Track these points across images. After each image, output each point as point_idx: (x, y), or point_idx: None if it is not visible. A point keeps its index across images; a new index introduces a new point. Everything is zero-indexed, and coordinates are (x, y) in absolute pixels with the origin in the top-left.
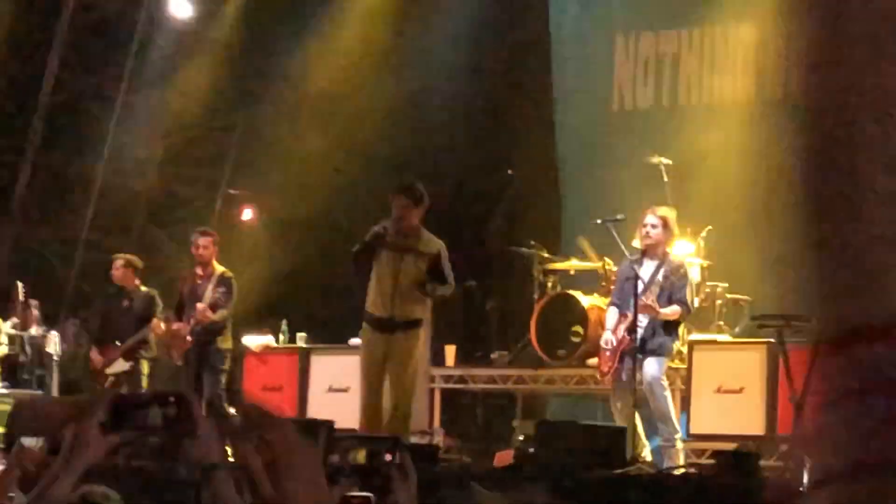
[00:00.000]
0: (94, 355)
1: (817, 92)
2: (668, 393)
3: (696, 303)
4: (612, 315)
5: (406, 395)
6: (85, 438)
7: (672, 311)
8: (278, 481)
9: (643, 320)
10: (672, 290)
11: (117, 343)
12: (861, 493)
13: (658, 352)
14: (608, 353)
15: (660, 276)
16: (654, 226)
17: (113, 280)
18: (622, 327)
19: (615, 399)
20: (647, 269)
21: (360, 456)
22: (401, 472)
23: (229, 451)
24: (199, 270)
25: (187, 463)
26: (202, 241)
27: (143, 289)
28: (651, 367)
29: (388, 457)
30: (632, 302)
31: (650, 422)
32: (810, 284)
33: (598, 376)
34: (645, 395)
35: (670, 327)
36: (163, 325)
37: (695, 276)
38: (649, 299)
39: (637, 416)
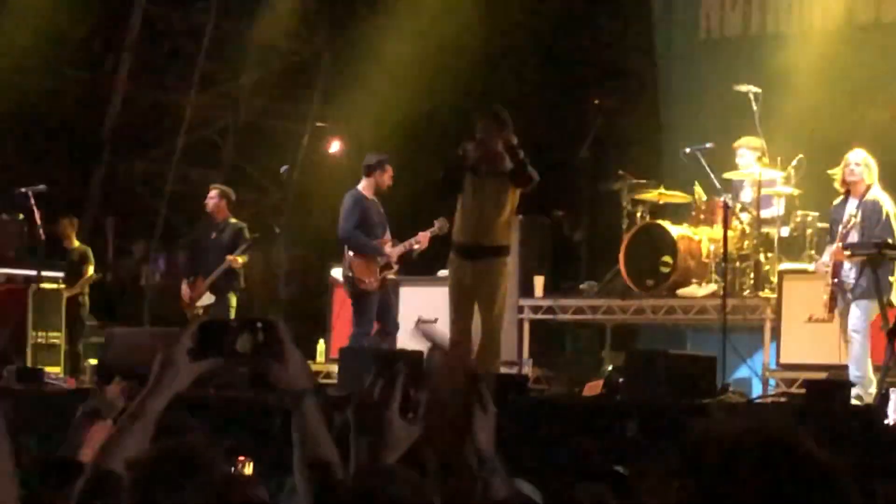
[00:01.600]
0: (184, 288)
1: None
2: (867, 342)
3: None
4: (827, 252)
5: (495, 324)
6: (173, 364)
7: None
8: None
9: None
10: (869, 228)
11: (205, 276)
12: None
13: (864, 294)
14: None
15: (859, 217)
16: (857, 163)
17: (206, 209)
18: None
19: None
20: (848, 210)
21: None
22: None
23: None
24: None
25: (276, 389)
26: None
27: (233, 220)
28: (857, 311)
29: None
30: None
31: None
32: None
33: (687, 305)
34: None
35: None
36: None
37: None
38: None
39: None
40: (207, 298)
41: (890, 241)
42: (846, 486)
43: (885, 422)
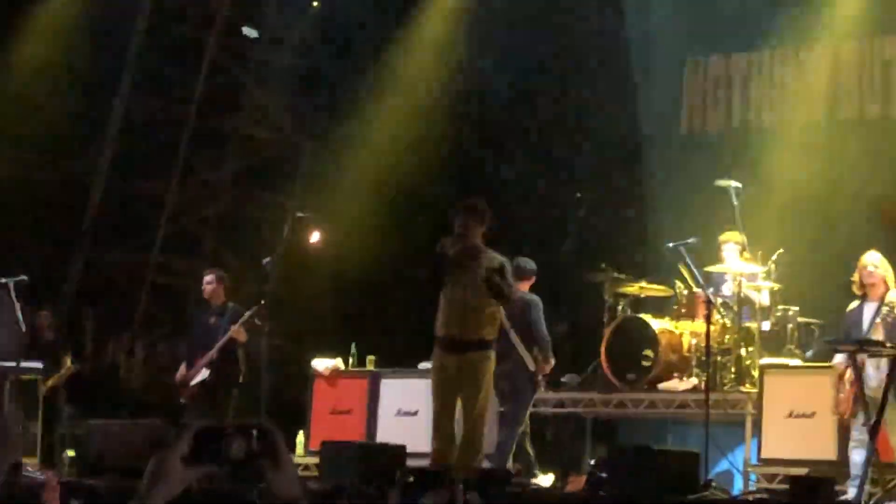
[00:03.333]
0: (181, 369)
1: None
2: None
3: None
4: (838, 362)
5: (479, 419)
6: (166, 470)
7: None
8: None
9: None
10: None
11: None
12: None
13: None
14: (842, 398)
15: (879, 318)
16: (875, 266)
17: (204, 295)
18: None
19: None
20: (868, 313)
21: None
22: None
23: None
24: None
25: (269, 498)
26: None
27: (230, 304)
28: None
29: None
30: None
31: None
32: None
33: (668, 399)
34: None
35: None
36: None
37: (765, 299)
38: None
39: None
40: (202, 374)
41: None
42: None
43: None
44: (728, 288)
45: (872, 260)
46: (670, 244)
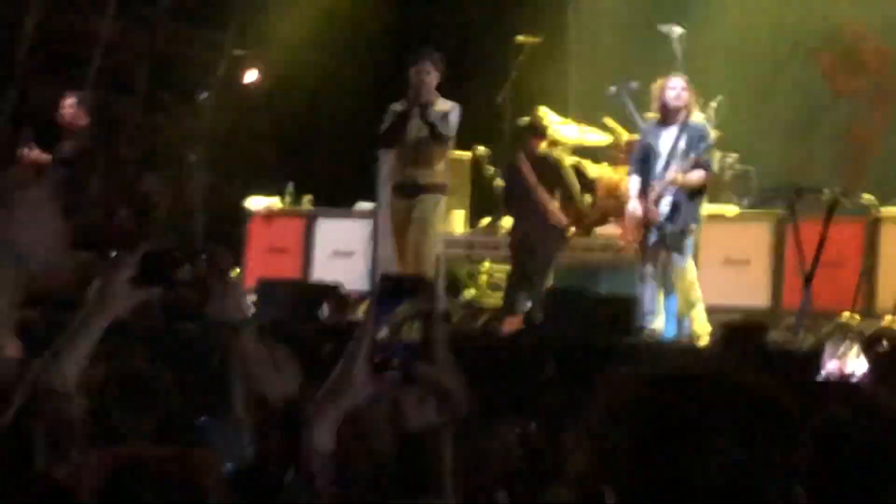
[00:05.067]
0: None
1: None
2: (694, 270)
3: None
4: (634, 183)
5: (425, 261)
6: (113, 291)
7: (697, 177)
8: None
9: (668, 192)
10: (695, 154)
11: None
12: None
13: (684, 224)
14: (634, 222)
15: (682, 144)
16: (683, 88)
17: (63, 121)
18: (647, 198)
19: (641, 265)
20: (667, 138)
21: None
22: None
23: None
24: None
25: (215, 319)
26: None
27: None
28: (678, 253)
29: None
30: (655, 172)
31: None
32: None
33: (605, 245)
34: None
35: (694, 193)
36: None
37: None
38: (672, 169)
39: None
40: None
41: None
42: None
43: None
44: None
45: (680, 83)
46: (612, 88)
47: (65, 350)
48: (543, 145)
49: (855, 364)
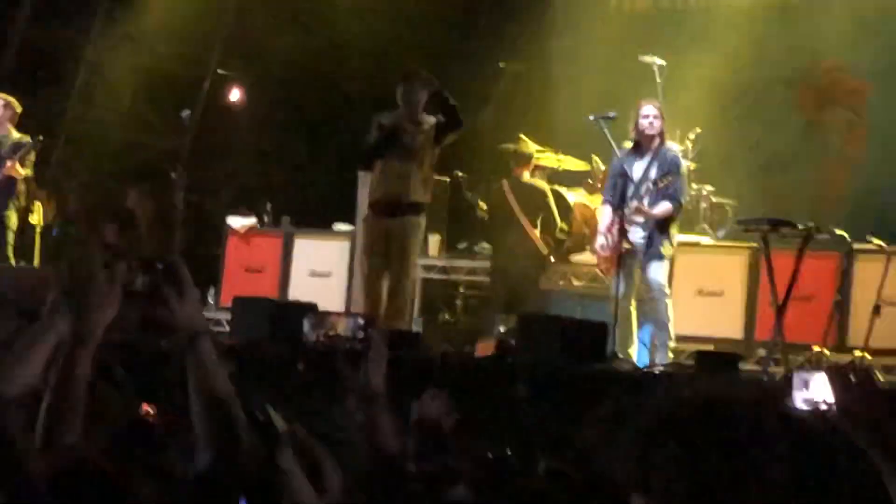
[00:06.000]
0: None
1: None
2: (670, 301)
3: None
4: (605, 214)
5: (405, 281)
6: (97, 290)
7: (664, 210)
8: None
9: (638, 221)
10: (666, 185)
11: None
12: None
13: (659, 255)
14: (605, 255)
15: (653, 173)
16: (656, 116)
17: None
18: (616, 229)
19: (615, 292)
20: (640, 166)
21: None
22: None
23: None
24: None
25: (170, 331)
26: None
27: (17, 134)
28: (656, 273)
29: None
30: (627, 200)
31: (645, 320)
32: None
33: (580, 272)
34: (643, 296)
35: (665, 224)
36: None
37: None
38: (643, 200)
39: (633, 314)
40: None
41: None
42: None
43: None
44: None
45: (652, 111)
46: (591, 117)
47: (14, 363)
48: (527, 172)
49: (822, 394)
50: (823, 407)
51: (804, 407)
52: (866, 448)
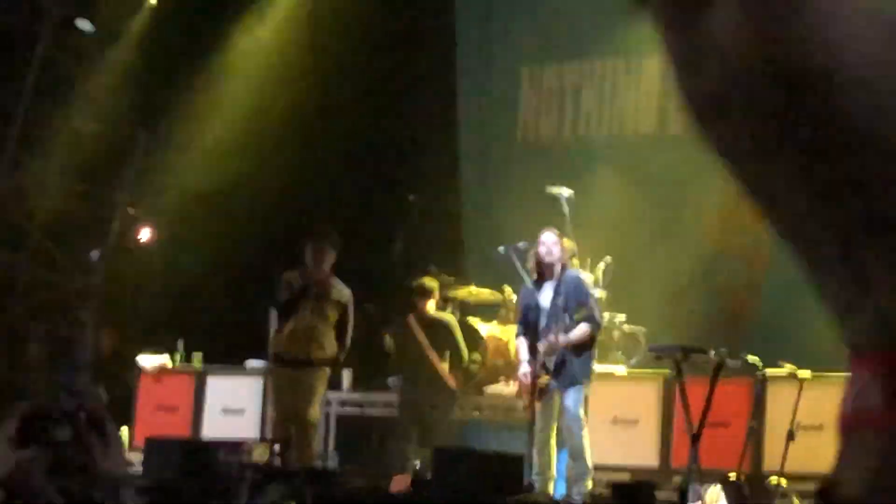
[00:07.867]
0: None
1: None
2: (585, 431)
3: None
4: (522, 346)
5: (312, 425)
6: None
7: (580, 333)
8: None
9: (554, 353)
10: (575, 309)
11: None
12: None
13: (573, 382)
14: (527, 382)
15: (560, 298)
16: (554, 243)
17: None
18: (535, 359)
19: (532, 424)
20: (546, 295)
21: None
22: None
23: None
24: None
25: (96, 477)
26: None
27: None
28: (569, 401)
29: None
30: (539, 330)
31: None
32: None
33: (495, 404)
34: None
35: (582, 349)
36: None
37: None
38: (556, 329)
39: (552, 445)
40: None
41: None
42: None
43: None
44: None
45: (551, 238)
46: (501, 248)
47: None
48: (433, 305)
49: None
50: None
51: None
52: None
